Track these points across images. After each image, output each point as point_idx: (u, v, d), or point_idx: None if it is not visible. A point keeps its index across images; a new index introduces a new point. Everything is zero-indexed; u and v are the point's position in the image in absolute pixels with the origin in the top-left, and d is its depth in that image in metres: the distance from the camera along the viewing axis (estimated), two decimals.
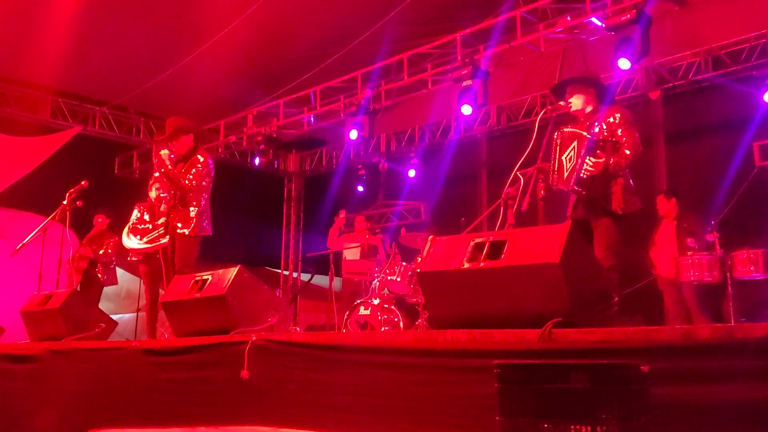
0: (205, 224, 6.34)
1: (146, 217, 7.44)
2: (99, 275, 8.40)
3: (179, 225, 6.23)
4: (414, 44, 9.67)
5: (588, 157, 4.85)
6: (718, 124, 9.16)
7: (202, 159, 6.38)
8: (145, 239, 7.30)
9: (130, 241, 7.39)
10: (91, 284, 8.41)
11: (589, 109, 5.17)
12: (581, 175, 4.84)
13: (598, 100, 5.19)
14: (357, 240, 9.72)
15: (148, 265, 7.37)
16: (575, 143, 4.95)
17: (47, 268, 7.68)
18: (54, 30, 8.88)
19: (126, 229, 7.51)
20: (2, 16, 8.84)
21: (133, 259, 7.55)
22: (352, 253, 9.52)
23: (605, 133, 4.99)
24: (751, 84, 8.59)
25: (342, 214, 9.94)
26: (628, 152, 4.92)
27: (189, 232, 6.21)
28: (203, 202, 6.36)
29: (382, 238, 10.07)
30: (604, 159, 4.84)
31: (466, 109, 8.84)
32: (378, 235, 10.23)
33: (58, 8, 8.61)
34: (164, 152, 6.33)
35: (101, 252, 8.40)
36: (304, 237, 14.00)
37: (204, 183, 6.38)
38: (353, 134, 10.18)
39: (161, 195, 7.17)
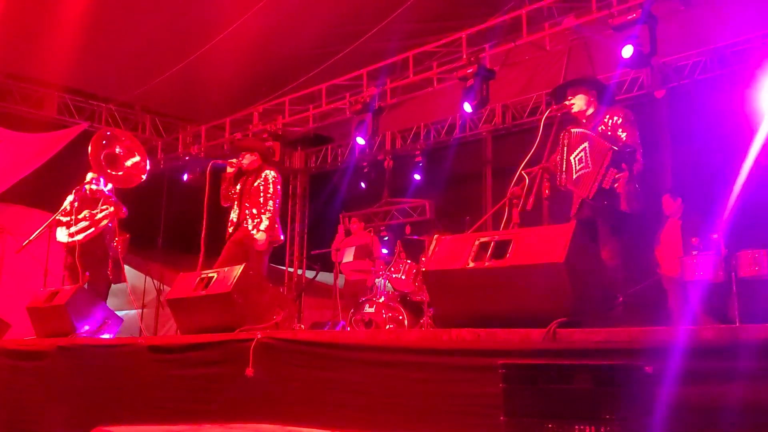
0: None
1: (68, 208, 7.49)
2: (108, 273, 8.37)
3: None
4: (420, 42, 9.67)
5: (615, 173, 4.83)
6: (723, 122, 9.14)
7: (272, 175, 6.49)
8: (67, 233, 7.45)
9: (59, 233, 7.51)
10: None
11: (590, 111, 5.21)
12: (603, 185, 4.84)
13: (599, 102, 5.23)
14: (354, 242, 9.85)
15: (72, 257, 7.41)
16: (586, 145, 4.96)
17: (53, 265, 7.70)
18: (61, 27, 8.89)
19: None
20: (9, 13, 8.85)
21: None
22: (347, 256, 9.62)
23: (609, 133, 5.02)
24: (756, 83, 8.55)
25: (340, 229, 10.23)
26: (639, 158, 4.95)
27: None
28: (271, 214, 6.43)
29: (383, 236, 10.13)
30: (627, 172, 4.84)
31: (467, 107, 8.84)
32: (371, 233, 10.26)
33: (65, 5, 8.63)
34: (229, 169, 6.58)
35: None
36: (308, 234, 14.01)
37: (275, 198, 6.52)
38: (360, 141, 10.26)
39: (92, 188, 7.51)
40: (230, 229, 6.47)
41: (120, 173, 7.60)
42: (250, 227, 6.30)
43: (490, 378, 2.63)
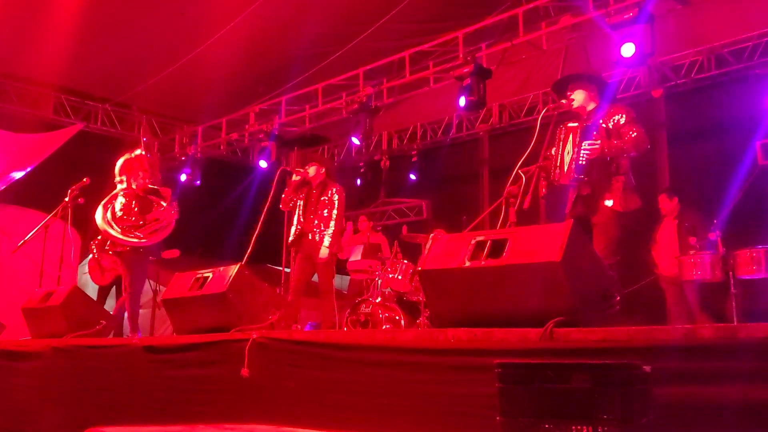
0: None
1: (135, 208, 7.15)
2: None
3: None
4: (416, 42, 9.66)
5: (583, 143, 4.90)
6: (720, 122, 9.14)
7: (338, 195, 6.99)
8: (136, 233, 7.07)
9: (113, 230, 7.07)
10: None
11: (591, 106, 5.20)
12: (580, 162, 4.88)
13: (600, 98, 5.21)
14: (360, 240, 9.78)
15: (134, 255, 7.11)
16: (571, 136, 5.02)
17: (48, 265, 7.67)
18: (57, 27, 8.87)
19: (109, 215, 7.13)
20: (5, 13, 8.83)
21: (110, 252, 7.36)
22: (354, 253, 9.57)
23: (612, 126, 5.02)
24: (754, 82, 8.56)
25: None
26: (633, 153, 4.97)
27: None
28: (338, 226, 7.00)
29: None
30: (600, 141, 4.90)
31: (462, 101, 8.81)
32: (380, 232, 10.25)
33: (61, 5, 8.60)
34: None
35: None
36: None
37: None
38: (356, 141, 10.28)
39: (150, 186, 7.31)
40: (291, 237, 7.10)
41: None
42: (317, 239, 6.85)
43: (486, 378, 2.61)
